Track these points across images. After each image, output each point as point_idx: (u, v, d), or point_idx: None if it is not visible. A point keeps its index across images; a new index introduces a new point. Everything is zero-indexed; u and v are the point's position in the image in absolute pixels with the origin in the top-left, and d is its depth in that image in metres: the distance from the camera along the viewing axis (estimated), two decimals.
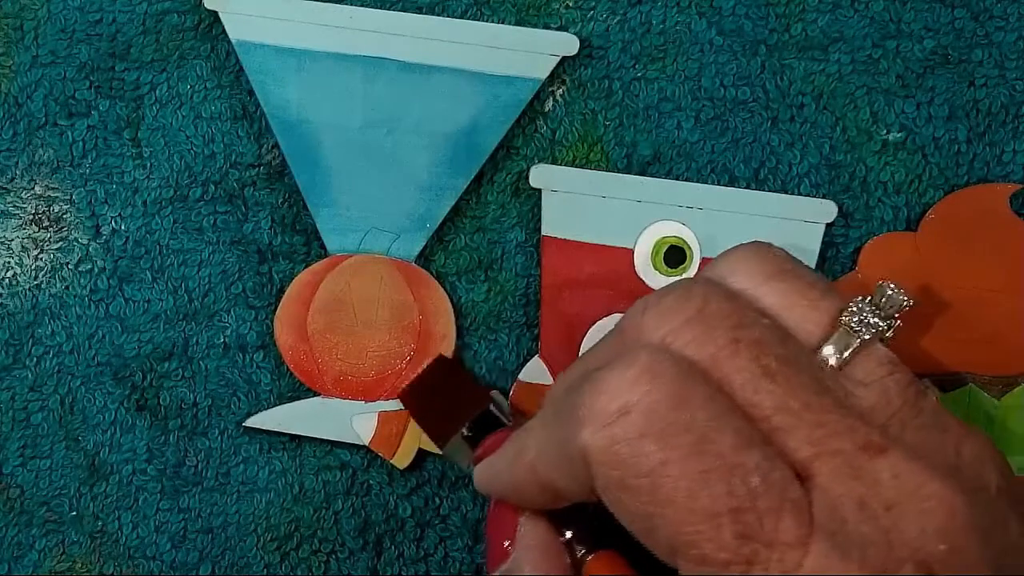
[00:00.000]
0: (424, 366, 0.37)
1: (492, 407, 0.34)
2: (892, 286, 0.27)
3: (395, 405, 0.37)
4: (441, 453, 0.36)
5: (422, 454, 0.37)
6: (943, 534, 0.23)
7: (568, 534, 0.29)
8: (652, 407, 0.24)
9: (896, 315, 0.27)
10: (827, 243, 0.37)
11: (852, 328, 0.26)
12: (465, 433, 0.34)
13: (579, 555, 0.29)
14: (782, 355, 0.25)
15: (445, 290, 0.37)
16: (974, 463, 0.25)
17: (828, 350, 0.26)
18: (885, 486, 0.24)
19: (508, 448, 0.29)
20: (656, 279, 0.36)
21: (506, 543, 0.30)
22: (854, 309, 0.26)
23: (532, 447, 0.28)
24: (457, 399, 0.35)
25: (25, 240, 0.38)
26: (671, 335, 0.25)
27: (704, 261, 0.36)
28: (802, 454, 0.24)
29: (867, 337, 0.26)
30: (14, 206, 0.38)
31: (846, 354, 0.26)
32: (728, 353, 0.25)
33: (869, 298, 0.27)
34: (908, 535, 0.23)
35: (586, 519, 0.29)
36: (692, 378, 0.24)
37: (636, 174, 0.37)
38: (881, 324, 0.26)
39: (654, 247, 0.36)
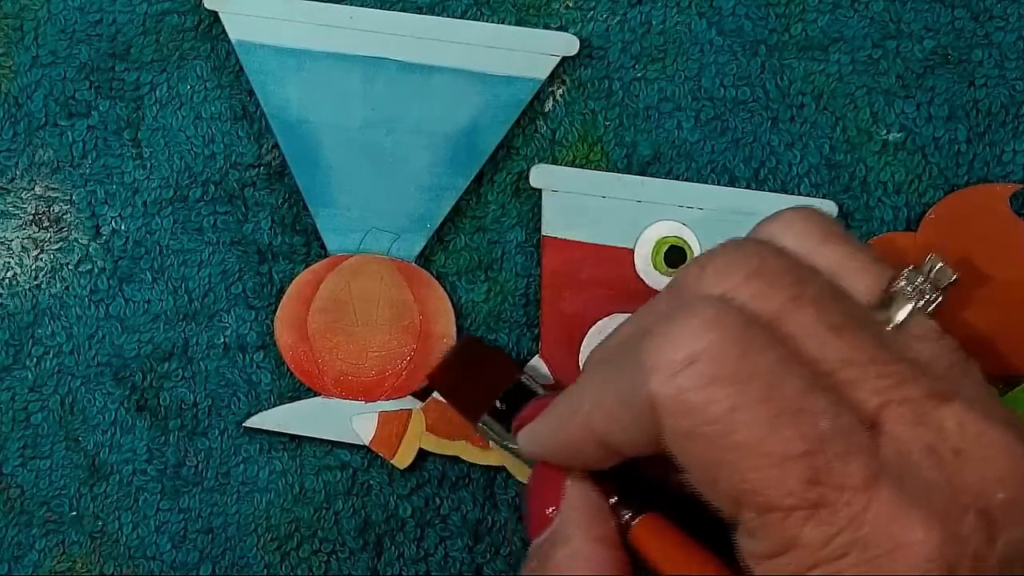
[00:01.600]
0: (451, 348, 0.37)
1: (524, 378, 0.34)
2: (940, 259, 0.28)
3: (395, 405, 0.37)
4: (476, 431, 0.35)
5: (422, 454, 0.37)
6: (1003, 483, 0.24)
7: (613, 499, 0.29)
8: (719, 355, 0.24)
9: (942, 287, 0.27)
10: None
11: (905, 293, 0.27)
12: (499, 406, 0.34)
13: (624, 519, 0.29)
14: (844, 310, 0.26)
15: (445, 290, 0.38)
16: (1019, 422, 0.26)
17: (881, 314, 0.26)
18: (950, 433, 0.24)
19: (558, 407, 0.29)
20: (656, 279, 0.36)
21: (550, 510, 0.30)
22: (907, 276, 0.27)
23: (586, 402, 0.28)
24: (487, 375, 0.35)
25: (25, 240, 0.38)
26: (733, 291, 0.26)
27: None
28: (871, 405, 0.24)
29: (920, 304, 0.27)
30: (14, 206, 0.38)
31: (899, 318, 0.26)
32: (792, 307, 0.25)
33: (918, 268, 0.27)
34: (970, 481, 0.24)
35: (631, 483, 0.29)
36: (755, 327, 0.25)
37: (636, 174, 0.37)
38: (931, 294, 0.27)
39: (654, 247, 0.36)
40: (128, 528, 0.38)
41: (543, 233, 0.37)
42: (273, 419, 0.37)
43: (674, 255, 0.36)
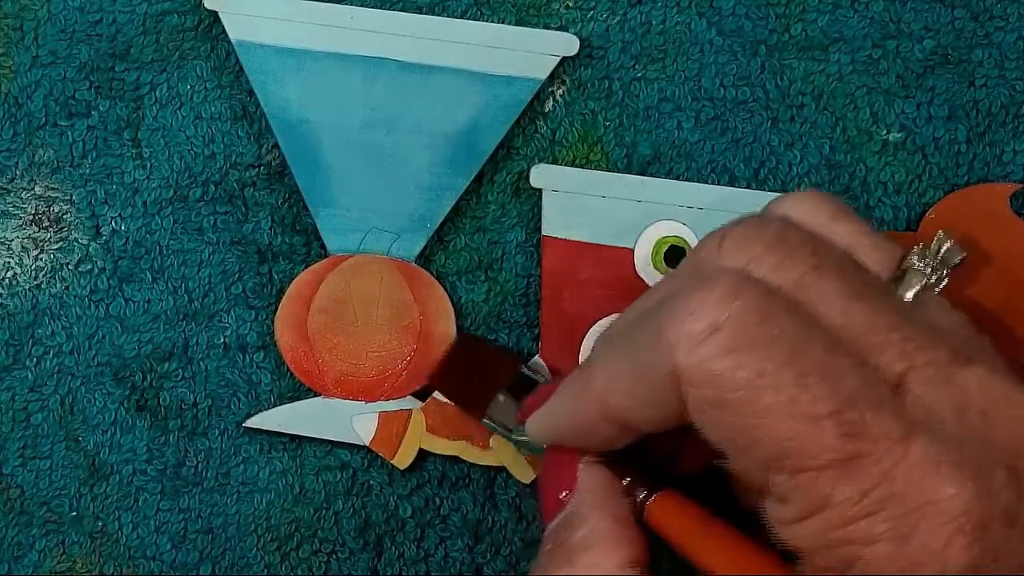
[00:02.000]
0: (449, 349, 0.37)
1: (526, 369, 0.34)
2: (950, 237, 0.28)
3: (395, 405, 0.37)
4: (484, 425, 0.35)
5: (422, 454, 0.37)
6: None
7: (626, 480, 0.30)
8: (740, 323, 0.24)
9: (951, 265, 0.28)
10: None
11: (917, 269, 0.27)
12: (502, 399, 0.34)
13: (639, 499, 0.29)
14: (864, 280, 0.26)
15: (445, 290, 0.37)
16: None
17: (896, 288, 0.27)
18: (974, 395, 0.24)
19: (568, 388, 0.29)
20: (656, 279, 0.36)
21: (563, 494, 0.30)
22: (918, 253, 0.27)
23: (599, 380, 0.27)
24: (488, 370, 0.35)
25: (25, 240, 0.38)
26: (753, 262, 0.26)
27: None
28: (896, 368, 0.25)
29: (932, 279, 0.27)
30: (14, 206, 0.38)
31: (912, 292, 0.27)
32: (813, 277, 0.25)
33: (928, 246, 0.28)
34: (1000, 439, 0.24)
35: (642, 464, 0.30)
36: (775, 296, 0.25)
37: (636, 174, 0.37)
38: (942, 270, 0.27)
39: (654, 247, 0.36)
40: (128, 528, 0.38)
41: (543, 233, 0.37)
42: (273, 419, 0.37)
43: (674, 255, 0.36)
